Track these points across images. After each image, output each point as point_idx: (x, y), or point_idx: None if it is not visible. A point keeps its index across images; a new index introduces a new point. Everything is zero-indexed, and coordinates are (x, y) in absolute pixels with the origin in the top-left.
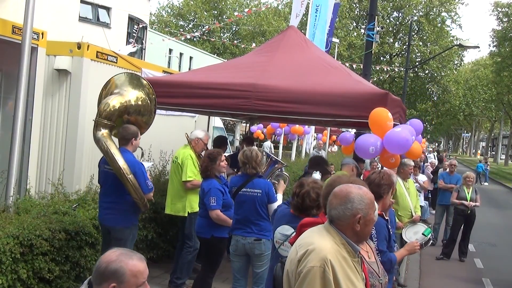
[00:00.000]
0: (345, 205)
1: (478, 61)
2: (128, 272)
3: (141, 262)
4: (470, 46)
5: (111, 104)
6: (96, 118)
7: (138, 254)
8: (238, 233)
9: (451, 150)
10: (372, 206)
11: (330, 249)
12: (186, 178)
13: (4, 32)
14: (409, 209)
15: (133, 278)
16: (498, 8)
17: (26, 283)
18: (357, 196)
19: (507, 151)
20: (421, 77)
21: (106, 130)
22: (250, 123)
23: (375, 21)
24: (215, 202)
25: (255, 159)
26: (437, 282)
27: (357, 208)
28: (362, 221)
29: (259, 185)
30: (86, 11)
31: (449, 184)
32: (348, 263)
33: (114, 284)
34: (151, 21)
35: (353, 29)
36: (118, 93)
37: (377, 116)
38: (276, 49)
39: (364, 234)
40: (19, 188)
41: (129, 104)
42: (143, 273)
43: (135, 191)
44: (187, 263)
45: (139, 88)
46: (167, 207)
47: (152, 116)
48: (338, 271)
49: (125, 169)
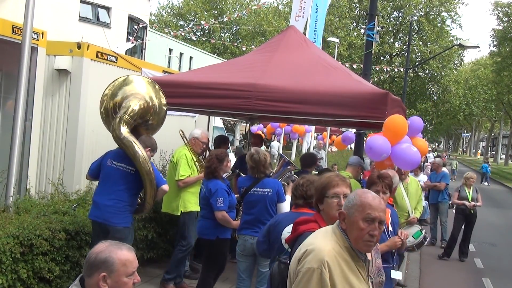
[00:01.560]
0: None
1: (478, 61)
2: (117, 262)
3: (130, 252)
4: (470, 46)
5: (138, 105)
6: (121, 115)
7: (127, 245)
8: (247, 233)
9: (451, 150)
10: (359, 209)
11: (329, 251)
12: (178, 177)
13: (4, 32)
14: (406, 209)
15: (122, 267)
16: (498, 8)
17: (26, 283)
18: (350, 196)
19: (507, 151)
20: (421, 77)
21: (127, 128)
22: (250, 123)
23: (375, 21)
24: (222, 203)
25: (263, 163)
26: (437, 282)
27: (346, 206)
28: (347, 219)
29: (269, 185)
30: (86, 11)
31: (434, 182)
32: (350, 266)
33: (104, 274)
34: (151, 21)
35: (353, 29)
36: (136, 95)
37: (396, 125)
38: (276, 49)
39: (352, 237)
40: (19, 188)
41: (153, 108)
42: (133, 263)
43: (151, 185)
44: (177, 261)
45: (156, 93)
46: (164, 205)
47: (160, 124)
48: (335, 274)
49: (147, 161)
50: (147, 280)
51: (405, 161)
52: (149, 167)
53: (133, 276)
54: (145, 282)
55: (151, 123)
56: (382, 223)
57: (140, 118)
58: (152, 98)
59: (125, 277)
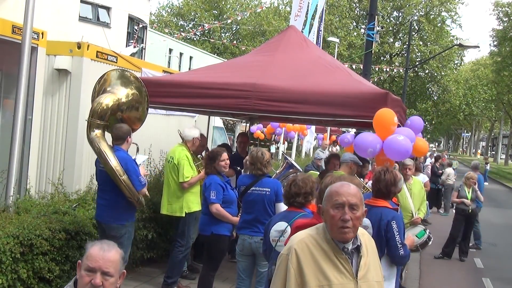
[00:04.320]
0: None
1: (478, 61)
2: (86, 254)
3: (101, 250)
4: (470, 46)
5: (104, 103)
6: (89, 119)
7: (111, 247)
8: (245, 232)
9: (451, 150)
10: (328, 198)
11: (300, 240)
12: (183, 179)
13: (4, 32)
14: (410, 210)
15: (85, 260)
16: (498, 8)
17: (26, 283)
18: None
19: (507, 151)
20: (421, 76)
21: (99, 130)
22: (250, 123)
23: (375, 21)
24: (215, 196)
25: (261, 160)
26: (437, 282)
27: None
28: (323, 212)
29: (268, 184)
30: (86, 11)
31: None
32: (328, 256)
33: (79, 261)
34: (151, 21)
35: (353, 29)
36: (110, 92)
37: (382, 118)
38: (276, 49)
39: (329, 228)
40: (19, 188)
41: (121, 101)
42: (95, 259)
43: (129, 190)
44: (178, 262)
45: (129, 84)
46: (163, 207)
47: (145, 112)
48: (304, 262)
49: (118, 170)
50: (147, 280)
51: (396, 151)
52: (119, 177)
53: (92, 274)
54: (145, 282)
55: (135, 111)
56: (353, 207)
57: (112, 114)
58: (120, 88)
59: (83, 270)
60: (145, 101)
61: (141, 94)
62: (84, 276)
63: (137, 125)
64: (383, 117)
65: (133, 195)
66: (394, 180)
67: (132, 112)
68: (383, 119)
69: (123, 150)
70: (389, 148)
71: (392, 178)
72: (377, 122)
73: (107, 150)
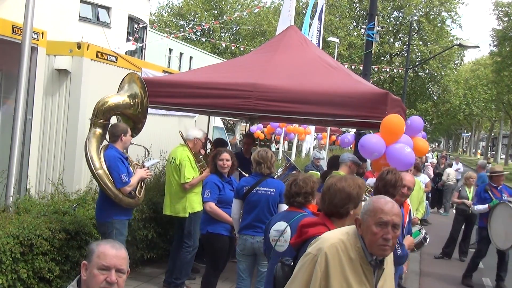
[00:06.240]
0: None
1: (478, 61)
2: (95, 252)
3: (112, 248)
4: (470, 46)
5: (108, 103)
6: (92, 118)
7: (118, 243)
8: (247, 232)
9: (451, 150)
10: (371, 214)
11: (331, 244)
12: (185, 180)
13: (4, 32)
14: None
15: (96, 258)
16: (499, 8)
17: (26, 283)
18: (365, 202)
19: (507, 151)
20: (421, 77)
21: (100, 129)
22: (250, 123)
23: (375, 21)
24: (209, 195)
25: (270, 159)
26: (437, 282)
27: (361, 212)
28: (362, 225)
29: (273, 185)
30: (86, 11)
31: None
32: (354, 265)
33: (85, 262)
34: (151, 21)
35: (353, 29)
36: (116, 92)
37: (391, 124)
38: (276, 49)
39: (367, 242)
40: (19, 188)
41: (124, 101)
42: (108, 257)
43: (105, 186)
44: (186, 263)
45: (132, 84)
46: (166, 208)
47: (145, 111)
48: (332, 267)
49: (95, 164)
50: (147, 280)
51: (399, 161)
52: (103, 182)
53: (106, 272)
54: (145, 282)
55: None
56: (396, 227)
57: (113, 111)
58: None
59: (96, 269)
60: (145, 102)
61: (142, 94)
62: (97, 275)
63: (141, 124)
64: (392, 123)
65: (112, 192)
66: (394, 182)
67: (133, 111)
68: (392, 125)
69: (115, 148)
70: (393, 156)
71: (393, 180)
72: (385, 127)
73: (93, 150)
